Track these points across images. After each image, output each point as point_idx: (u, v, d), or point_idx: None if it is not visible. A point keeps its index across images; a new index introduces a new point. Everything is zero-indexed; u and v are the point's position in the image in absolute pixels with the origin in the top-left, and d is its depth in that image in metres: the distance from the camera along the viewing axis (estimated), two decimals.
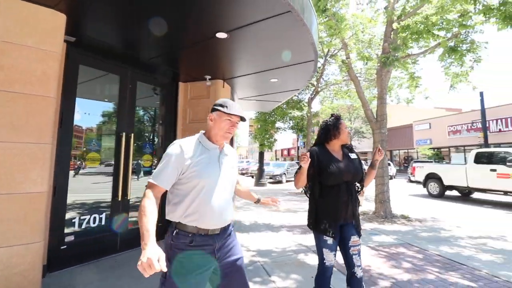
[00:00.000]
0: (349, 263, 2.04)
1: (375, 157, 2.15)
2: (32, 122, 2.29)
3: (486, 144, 15.61)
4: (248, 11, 2.47)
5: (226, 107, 1.49)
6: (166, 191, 1.43)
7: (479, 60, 6.40)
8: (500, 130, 19.82)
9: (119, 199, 3.57)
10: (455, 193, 11.10)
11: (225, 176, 1.51)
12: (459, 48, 6.17)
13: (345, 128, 2.12)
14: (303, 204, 8.54)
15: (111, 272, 3.10)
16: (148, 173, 4.20)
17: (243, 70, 4.08)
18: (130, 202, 3.81)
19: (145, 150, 4.24)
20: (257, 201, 1.92)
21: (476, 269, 3.48)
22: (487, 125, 17.43)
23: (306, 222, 2.21)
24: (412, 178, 13.89)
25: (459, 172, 10.21)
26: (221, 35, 2.89)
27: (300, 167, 1.99)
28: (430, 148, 24.87)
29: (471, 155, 10.04)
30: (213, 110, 1.54)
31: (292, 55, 3.44)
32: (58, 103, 2.84)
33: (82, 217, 3.27)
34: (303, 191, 2.21)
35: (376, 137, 6.86)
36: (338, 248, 2.09)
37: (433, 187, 11.20)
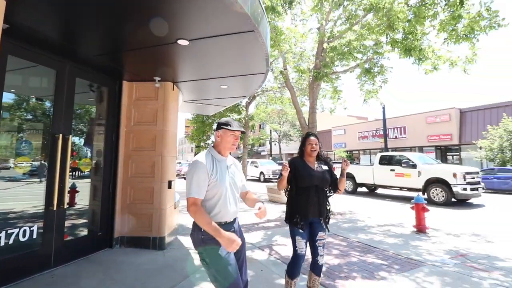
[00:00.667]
0: (314, 252, 2.56)
1: (342, 166, 2.63)
2: None
3: (386, 148, 18.94)
4: (216, 26, 2.62)
5: (230, 125, 1.86)
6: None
7: (386, 81, 7.90)
8: (396, 137, 24.28)
9: (55, 208, 3.20)
10: (364, 189, 13.18)
11: (233, 180, 1.92)
12: (372, 70, 7.49)
13: (309, 144, 2.61)
14: (240, 205, 8.87)
15: None
16: (86, 177, 3.84)
17: (196, 75, 4.13)
18: (67, 211, 3.45)
19: (83, 153, 3.86)
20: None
21: (385, 250, 4.38)
22: (387, 133, 21.13)
23: (244, 222, 2.56)
24: None
25: (368, 171, 12.22)
26: (182, 42, 2.94)
27: (281, 174, 2.39)
28: (344, 151, 28.66)
29: (377, 158, 12.14)
30: (219, 128, 1.91)
31: (246, 66, 3.71)
32: None
33: (9, 231, 2.83)
34: (284, 191, 2.65)
35: None
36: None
37: (348, 184, 13.05)
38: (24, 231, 2.96)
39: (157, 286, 2.99)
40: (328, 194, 2.64)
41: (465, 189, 9.04)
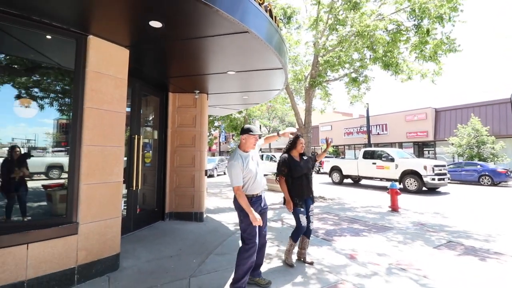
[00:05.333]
0: (307, 220, 3.48)
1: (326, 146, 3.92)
2: (115, 131, 3.16)
3: (369, 144, 20.76)
4: (257, 64, 3.92)
5: (252, 131, 2.75)
6: None
7: (369, 88, 9.40)
8: (378, 133, 26.24)
9: (134, 189, 4.43)
10: (349, 181, 14.84)
11: (257, 164, 2.82)
12: (358, 79, 8.95)
13: (299, 144, 3.50)
14: None
15: (138, 242, 4.06)
16: (148, 168, 5.09)
17: (227, 90, 5.40)
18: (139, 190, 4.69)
19: (146, 149, 5.08)
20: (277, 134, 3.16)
21: (367, 221, 5.88)
22: (370, 129, 23.00)
23: None
24: (322, 170, 17.41)
25: (353, 165, 13.85)
26: (231, 72, 4.22)
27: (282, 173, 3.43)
28: (331, 146, 30.47)
29: (361, 152, 13.77)
30: (243, 133, 2.76)
31: (267, 85, 5.03)
32: None
33: None
34: (276, 178, 3.60)
35: (304, 139, 9.09)
36: None
37: (336, 176, 14.68)
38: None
39: (212, 241, 4.31)
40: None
41: (433, 179, 10.78)
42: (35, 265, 2.52)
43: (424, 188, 10.98)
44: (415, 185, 11.06)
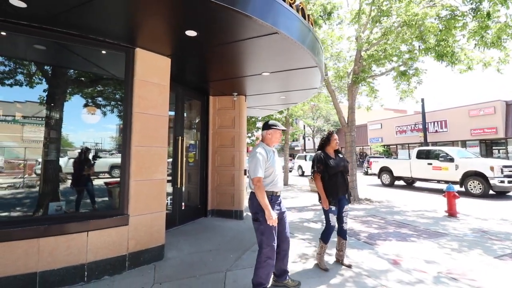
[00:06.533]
0: (340, 220, 3.41)
1: None
2: (159, 133, 3.49)
3: (425, 142, 18.95)
4: (292, 64, 3.93)
5: (277, 126, 2.75)
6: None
7: (421, 82, 8.63)
8: (436, 131, 23.82)
9: (178, 186, 4.78)
10: (401, 183, 13.75)
11: (280, 163, 2.76)
12: (407, 73, 8.28)
13: (334, 140, 3.42)
14: (287, 193, 10.27)
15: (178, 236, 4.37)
16: (192, 167, 5.45)
17: (265, 91, 5.50)
18: (183, 189, 5.04)
19: (190, 150, 5.45)
20: None
21: (417, 226, 5.42)
22: (426, 127, 20.99)
23: (295, 205, 3.57)
24: (369, 171, 16.45)
25: (405, 165, 12.80)
26: (265, 73, 4.30)
27: (318, 167, 3.34)
28: (381, 145, 28.58)
29: (414, 152, 12.68)
30: (268, 128, 2.73)
31: (304, 84, 4.99)
32: None
33: None
34: (311, 177, 3.53)
35: (347, 138, 8.77)
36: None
37: (385, 178, 13.72)
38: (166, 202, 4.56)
39: (250, 238, 4.43)
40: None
41: (502, 181, 9.41)
42: (93, 251, 2.92)
43: (491, 192, 9.67)
44: (480, 188, 9.79)
